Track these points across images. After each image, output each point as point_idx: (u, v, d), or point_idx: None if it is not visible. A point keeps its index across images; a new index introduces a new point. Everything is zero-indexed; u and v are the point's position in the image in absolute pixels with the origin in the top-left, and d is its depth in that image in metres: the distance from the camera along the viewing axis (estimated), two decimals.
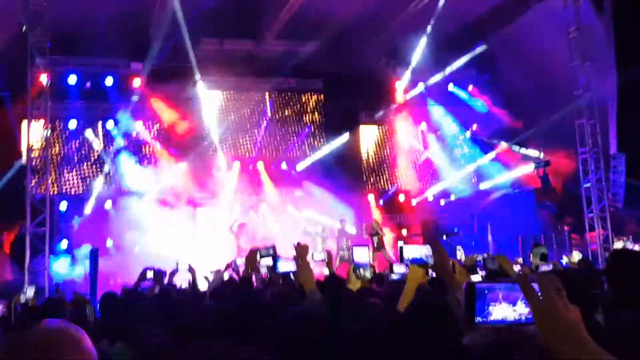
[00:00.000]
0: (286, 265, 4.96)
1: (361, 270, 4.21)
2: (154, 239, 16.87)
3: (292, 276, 5.13)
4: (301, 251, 4.00)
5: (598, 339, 1.56)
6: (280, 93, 20.53)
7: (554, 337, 1.55)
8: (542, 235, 16.43)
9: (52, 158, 16.14)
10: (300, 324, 2.81)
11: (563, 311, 1.56)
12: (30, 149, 14.14)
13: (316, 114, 20.85)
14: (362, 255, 4.24)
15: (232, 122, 20.04)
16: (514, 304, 1.67)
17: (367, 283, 4.75)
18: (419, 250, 3.32)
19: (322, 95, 20.76)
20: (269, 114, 20.22)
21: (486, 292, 1.68)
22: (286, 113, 20.67)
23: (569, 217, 16.66)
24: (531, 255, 8.73)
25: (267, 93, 20.29)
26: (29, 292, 7.68)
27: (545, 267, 6.90)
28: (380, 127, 21.37)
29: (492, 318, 1.67)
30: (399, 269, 6.67)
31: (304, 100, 20.81)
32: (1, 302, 6.63)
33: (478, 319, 1.67)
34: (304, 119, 20.75)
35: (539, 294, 1.59)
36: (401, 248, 3.29)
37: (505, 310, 1.67)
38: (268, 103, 20.28)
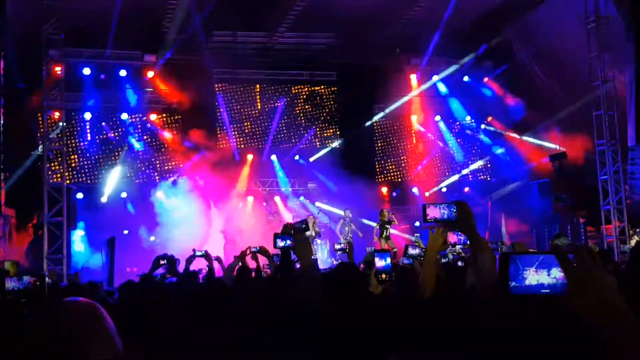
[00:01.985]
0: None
1: (383, 275, 4.20)
2: (170, 228, 16.98)
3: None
4: (291, 230, 3.99)
5: None
6: (294, 85, 20.49)
7: (590, 305, 1.54)
8: (557, 227, 16.34)
9: (68, 149, 16.24)
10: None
11: (600, 279, 1.56)
12: (46, 140, 14.24)
13: (330, 106, 20.81)
14: (384, 259, 4.23)
15: (246, 115, 20.05)
16: (549, 272, 1.67)
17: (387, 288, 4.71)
18: (444, 209, 3.21)
19: (335, 87, 20.72)
20: (283, 107, 20.19)
21: (520, 260, 1.68)
22: (299, 105, 20.65)
23: (584, 209, 16.55)
24: (552, 244, 8.63)
25: (280, 86, 20.26)
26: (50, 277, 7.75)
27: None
28: (394, 118, 21.28)
29: (527, 283, 1.67)
30: (413, 251, 6.66)
31: (317, 93, 20.78)
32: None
33: (513, 283, 1.67)
34: (318, 111, 20.71)
35: (575, 264, 1.59)
36: (424, 206, 3.18)
37: (540, 276, 1.67)
38: (281, 95, 20.25)
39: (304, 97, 20.73)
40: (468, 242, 3.16)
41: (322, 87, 20.85)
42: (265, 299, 4.37)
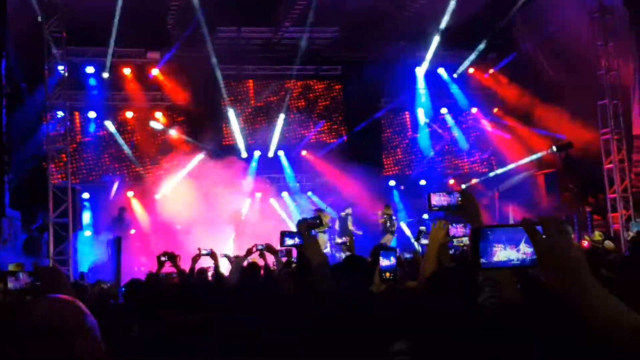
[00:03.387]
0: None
1: (387, 273, 4.19)
2: (176, 226, 17.03)
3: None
4: (305, 226, 3.97)
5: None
6: (299, 80, 20.44)
7: (557, 276, 1.56)
8: (564, 217, 16.24)
9: (72, 148, 16.27)
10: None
11: (566, 250, 1.57)
12: (50, 140, 14.26)
13: (336, 100, 20.75)
14: (390, 259, 4.22)
15: (252, 111, 20.03)
16: (517, 246, 1.69)
17: (392, 287, 4.67)
18: (448, 197, 3.28)
19: (341, 81, 20.65)
20: (288, 102, 20.15)
21: (489, 234, 1.69)
22: (305, 100, 20.61)
23: (590, 198, 16.45)
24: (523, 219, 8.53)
25: (286, 81, 20.21)
26: None
27: None
28: (400, 111, 21.20)
29: (495, 259, 1.69)
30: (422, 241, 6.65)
31: (323, 87, 20.73)
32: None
33: (483, 260, 1.69)
34: (324, 106, 20.66)
35: (542, 235, 1.60)
36: (429, 195, 3.23)
37: (509, 252, 1.69)
38: (287, 91, 20.20)
39: (310, 92, 20.68)
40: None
41: (328, 81, 20.79)
42: (270, 295, 4.38)
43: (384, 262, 4.12)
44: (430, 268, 3.70)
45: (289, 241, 4.71)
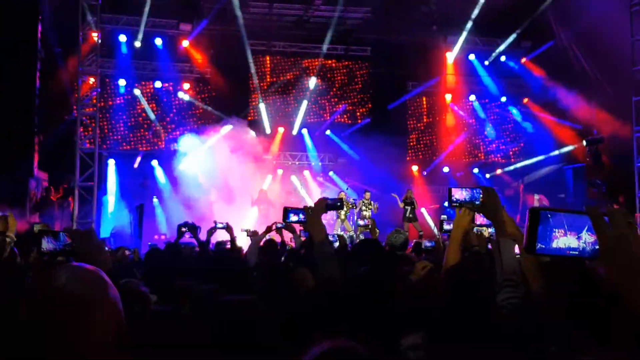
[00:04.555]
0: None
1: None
2: (198, 197, 17.17)
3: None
4: (325, 205, 3.96)
5: None
6: (328, 60, 20.33)
7: (621, 271, 1.48)
8: None
9: (101, 115, 16.40)
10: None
11: (634, 244, 1.48)
12: (80, 105, 14.40)
13: (363, 81, 20.60)
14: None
15: (278, 87, 20.00)
16: (579, 234, 1.58)
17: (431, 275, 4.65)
18: (469, 193, 3.24)
19: (369, 63, 20.49)
20: (316, 80, 20.08)
21: (550, 217, 1.58)
22: (333, 80, 20.49)
23: (619, 196, 16.18)
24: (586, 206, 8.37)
25: (314, 59, 20.12)
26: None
27: None
28: (427, 96, 21.01)
29: (554, 246, 1.58)
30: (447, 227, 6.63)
31: (351, 68, 20.58)
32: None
33: (540, 245, 1.58)
34: (351, 86, 20.54)
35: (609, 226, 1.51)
36: (450, 190, 3.20)
37: (570, 240, 1.58)
38: (315, 69, 20.11)
39: (338, 71, 20.55)
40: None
41: (357, 62, 20.63)
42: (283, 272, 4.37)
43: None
44: (453, 258, 3.63)
45: (293, 217, 4.72)
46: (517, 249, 3.10)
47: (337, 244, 6.58)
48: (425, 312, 2.61)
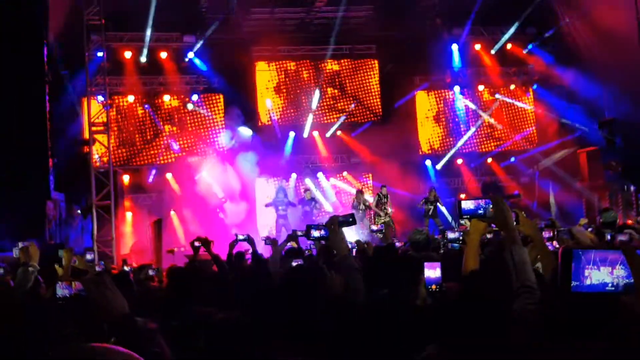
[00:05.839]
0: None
1: (434, 286, 4.05)
2: (215, 209, 17.25)
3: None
4: (336, 224, 3.99)
5: None
6: (334, 60, 20.32)
7: None
8: (607, 195, 15.94)
9: (112, 132, 16.52)
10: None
11: None
12: (91, 125, 14.53)
13: (371, 79, 20.57)
14: (435, 270, 4.05)
15: (287, 92, 20.03)
16: (612, 269, 1.59)
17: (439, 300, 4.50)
18: (478, 205, 3.25)
19: (376, 60, 20.46)
20: (323, 82, 20.08)
21: (582, 255, 1.59)
22: (340, 80, 20.48)
23: (636, 177, 16.03)
24: (601, 220, 8.35)
25: (320, 60, 20.13)
26: (88, 257, 7.95)
27: (622, 237, 6.55)
28: (436, 89, 20.93)
29: (588, 283, 1.59)
30: (452, 234, 6.56)
31: (358, 66, 20.56)
32: None
33: (574, 283, 1.59)
34: (359, 85, 20.51)
35: None
36: (459, 202, 3.22)
37: (602, 275, 1.59)
38: (322, 71, 20.13)
39: (345, 71, 20.54)
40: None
41: (363, 60, 20.60)
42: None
43: (429, 273, 3.98)
44: (472, 264, 3.63)
45: (315, 233, 4.73)
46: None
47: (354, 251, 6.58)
48: (440, 321, 2.60)
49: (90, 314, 2.52)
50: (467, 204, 3.23)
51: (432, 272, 3.87)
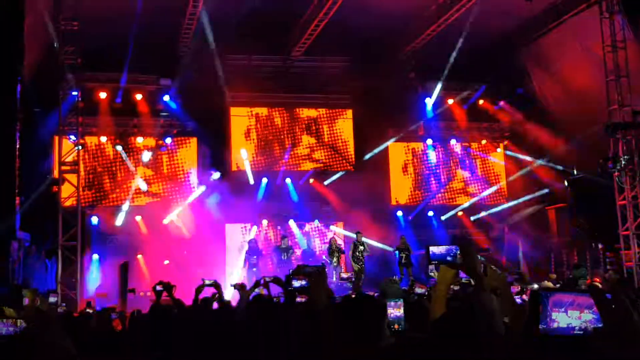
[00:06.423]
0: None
1: (396, 325, 4.03)
2: (183, 252, 17.00)
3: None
4: (302, 274, 3.97)
5: None
6: (309, 109, 20.51)
7: (622, 345, 1.52)
8: (575, 252, 16.11)
9: (83, 172, 16.30)
10: None
11: (637, 321, 1.55)
12: (61, 164, 14.31)
13: (345, 129, 20.76)
14: (399, 307, 4.07)
15: (260, 138, 20.08)
16: (581, 313, 1.60)
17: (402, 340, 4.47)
18: (447, 251, 3.30)
19: (350, 110, 20.69)
20: (297, 130, 20.21)
21: (548, 298, 1.61)
22: (314, 128, 20.63)
23: (603, 235, 16.29)
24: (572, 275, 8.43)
25: (295, 109, 20.31)
26: (52, 299, 7.72)
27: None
28: (409, 142, 21.18)
29: (556, 326, 1.60)
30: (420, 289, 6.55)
31: (332, 116, 20.75)
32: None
33: (542, 327, 1.61)
34: (333, 134, 20.67)
35: (611, 303, 1.56)
36: (427, 247, 3.26)
37: (570, 319, 1.61)
38: (296, 119, 20.28)
39: (319, 120, 20.70)
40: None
41: (337, 110, 20.81)
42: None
43: (392, 311, 3.95)
44: (439, 312, 3.60)
45: (296, 284, 4.68)
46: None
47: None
48: None
49: (29, 355, 2.43)
50: (436, 249, 3.29)
51: (396, 310, 3.86)
